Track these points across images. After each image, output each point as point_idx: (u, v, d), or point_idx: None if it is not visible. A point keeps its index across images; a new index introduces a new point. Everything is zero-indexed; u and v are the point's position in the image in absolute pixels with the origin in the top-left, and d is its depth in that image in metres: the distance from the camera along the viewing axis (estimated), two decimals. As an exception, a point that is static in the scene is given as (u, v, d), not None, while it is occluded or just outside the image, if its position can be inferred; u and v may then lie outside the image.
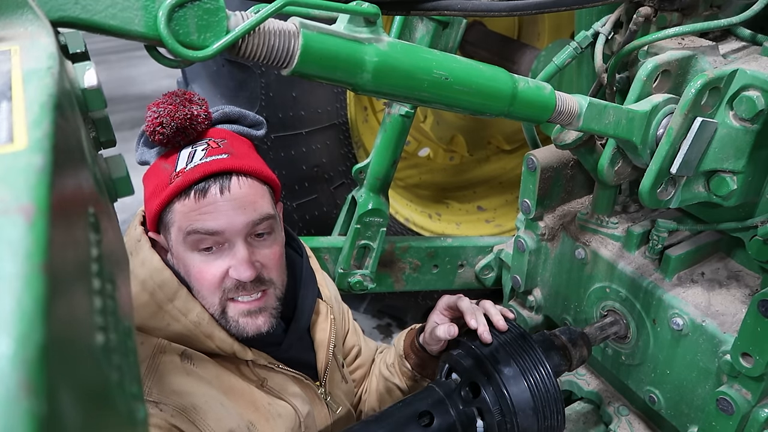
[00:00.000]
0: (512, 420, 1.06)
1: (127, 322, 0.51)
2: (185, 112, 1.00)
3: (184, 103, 1.01)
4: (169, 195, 1.01)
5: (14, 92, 0.39)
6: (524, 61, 2.29)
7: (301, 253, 1.30)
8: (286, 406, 1.15)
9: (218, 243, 1.03)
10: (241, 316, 1.06)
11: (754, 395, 1.09)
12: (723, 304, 1.25)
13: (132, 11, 0.58)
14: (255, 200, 1.04)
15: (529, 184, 1.49)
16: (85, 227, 0.41)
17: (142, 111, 3.17)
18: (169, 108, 1.00)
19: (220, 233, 1.01)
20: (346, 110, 2.15)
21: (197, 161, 1.01)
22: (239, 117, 1.13)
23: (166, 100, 1.01)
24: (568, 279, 1.51)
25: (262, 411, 1.10)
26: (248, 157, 1.06)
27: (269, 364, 1.14)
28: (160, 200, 1.02)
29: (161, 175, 1.03)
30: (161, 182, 1.03)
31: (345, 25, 0.70)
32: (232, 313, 1.06)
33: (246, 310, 1.06)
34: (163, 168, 1.04)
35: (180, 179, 1.00)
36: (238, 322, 1.06)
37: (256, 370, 1.13)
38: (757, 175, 1.12)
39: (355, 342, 1.47)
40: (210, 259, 1.03)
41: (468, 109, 0.83)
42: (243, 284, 1.04)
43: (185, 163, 1.02)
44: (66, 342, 0.31)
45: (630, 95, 1.07)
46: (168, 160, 1.04)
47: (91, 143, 0.55)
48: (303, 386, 1.21)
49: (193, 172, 1.00)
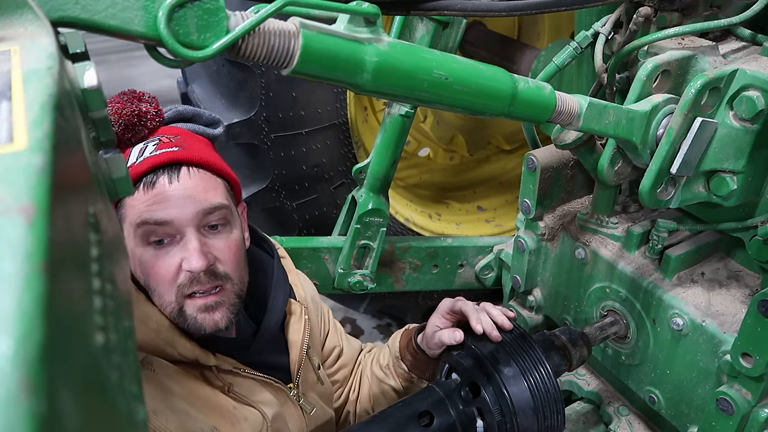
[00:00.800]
0: (512, 420, 1.06)
1: (127, 322, 0.51)
2: (132, 109, 0.99)
3: (131, 101, 1.00)
4: None
5: (14, 92, 0.39)
6: (524, 61, 2.29)
7: (272, 254, 1.29)
8: (253, 411, 1.13)
9: (169, 235, 1.00)
10: (198, 312, 1.03)
11: (754, 395, 1.09)
12: (723, 304, 1.25)
13: (132, 11, 0.58)
14: (206, 190, 1.02)
15: (529, 184, 1.49)
16: (85, 227, 0.41)
17: (142, 111, 3.06)
18: (116, 106, 0.99)
19: (170, 223, 0.99)
20: (346, 110, 2.15)
21: (148, 155, 1.00)
22: (194, 115, 1.11)
23: (114, 99, 1.00)
24: (568, 279, 1.51)
25: (226, 416, 1.08)
26: (201, 151, 1.04)
27: (234, 369, 1.12)
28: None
29: None
30: None
31: (345, 25, 0.70)
32: (190, 310, 1.03)
33: (203, 305, 1.03)
34: None
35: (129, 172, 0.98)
36: (195, 318, 1.03)
37: (220, 375, 1.11)
38: (757, 175, 1.12)
39: (336, 342, 1.45)
40: (162, 253, 1.01)
41: (468, 109, 0.83)
42: (197, 277, 1.01)
43: (135, 158, 1.01)
44: (66, 342, 0.31)
45: (630, 95, 1.07)
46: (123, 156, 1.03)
47: (91, 143, 0.55)
48: (273, 389, 1.19)
49: (141, 164, 0.99)
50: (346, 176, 2.23)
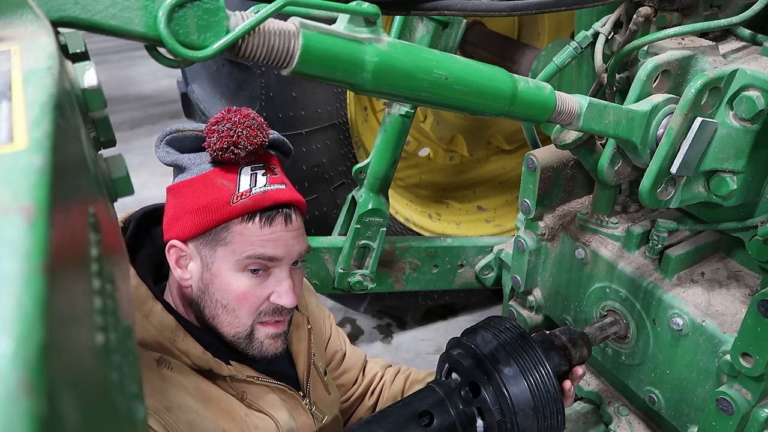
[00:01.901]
0: (512, 420, 1.06)
1: (127, 322, 0.51)
2: (261, 139, 1.02)
3: (260, 128, 1.03)
4: (233, 214, 1.01)
5: (14, 92, 0.39)
6: (524, 61, 2.29)
7: None
8: (265, 419, 1.14)
9: (267, 268, 1.06)
10: (266, 338, 1.10)
11: (754, 395, 1.09)
12: (723, 304, 1.25)
13: (132, 11, 0.58)
14: (304, 232, 1.11)
15: (529, 184, 1.49)
16: (85, 227, 0.41)
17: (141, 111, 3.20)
18: (247, 130, 1.00)
19: (279, 260, 1.05)
20: (346, 110, 2.15)
21: (262, 187, 1.03)
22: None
23: (243, 121, 1.01)
24: (568, 279, 1.51)
25: (237, 421, 1.10)
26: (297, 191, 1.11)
27: (249, 377, 1.14)
28: (217, 217, 1.01)
29: (219, 192, 1.02)
30: (219, 199, 1.01)
31: (345, 25, 0.70)
32: (260, 335, 1.09)
33: (273, 333, 1.10)
34: (220, 184, 1.02)
35: (247, 201, 1.01)
36: (263, 343, 1.10)
37: (234, 384, 1.13)
38: (757, 175, 1.12)
39: (338, 347, 1.47)
40: (256, 282, 1.05)
41: (468, 109, 0.83)
42: (280, 310, 1.09)
43: (248, 185, 1.02)
44: (66, 342, 0.31)
45: (630, 95, 1.07)
46: (226, 177, 1.03)
47: (91, 143, 0.55)
48: (286, 396, 1.21)
49: (262, 198, 1.02)
50: (346, 176, 2.23)
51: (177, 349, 1.06)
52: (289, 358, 1.28)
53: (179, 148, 1.08)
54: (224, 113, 1.02)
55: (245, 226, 1.02)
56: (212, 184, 1.03)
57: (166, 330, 1.05)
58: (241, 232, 1.02)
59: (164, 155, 1.08)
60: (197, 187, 1.04)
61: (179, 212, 1.05)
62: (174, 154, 1.08)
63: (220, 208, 1.01)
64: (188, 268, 1.07)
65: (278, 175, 1.07)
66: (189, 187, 1.05)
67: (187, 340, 1.06)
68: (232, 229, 1.02)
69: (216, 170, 1.04)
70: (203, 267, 1.05)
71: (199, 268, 1.06)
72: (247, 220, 1.02)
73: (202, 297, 1.07)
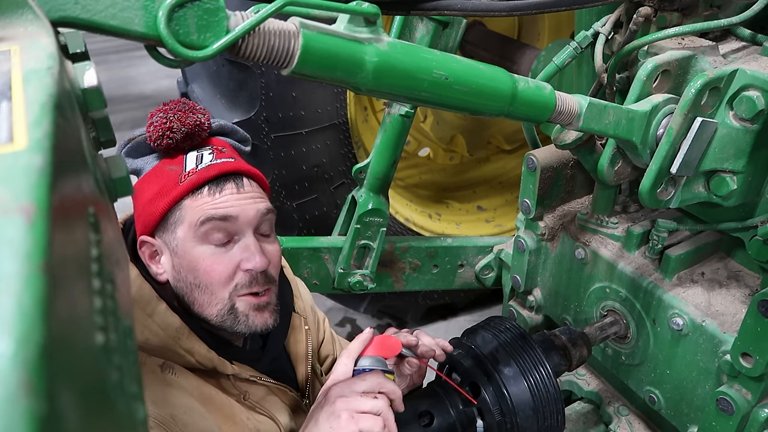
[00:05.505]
0: (512, 420, 1.06)
1: (127, 322, 0.51)
2: (194, 119, 1.05)
3: (192, 110, 1.06)
4: (182, 192, 1.03)
5: (14, 92, 0.39)
6: (524, 61, 2.29)
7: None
8: (267, 421, 1.14)
9: (230, 234, 1.05)
10: (251, 311, 1.08)
11: (754, 395, 1.09)
12: (723, 304, 1.25)
13: (132, 11, 0.58)
14: (263, 198, 1.10)
15: (529, 184, 1.49)
16: (85, 227, 0.41)
17: (142, 111, 3.20)
18: (178, 114, 1.04)
19: (234, 218, 1.04)
20: (346, 110, 2.15)
21: (208, 162, 1.05)
22: (231, 131, 1.18)
23: (174, 107, 1.05)
24: (568, 279, 1.51)
25: (240, 425, 1.10)
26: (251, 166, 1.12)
27: (251, 377, 1.14)
28: (169, 199, 1.03)
29: (167, 177, 1.05)
30: (168, 183, 1.04)
31: (345, 25, 0.70)
32: (242, 307, 1.07)
33: (255, 304, 1.08)
34: (168, 170, 1.05)
35: (194, 177, 1.03)
36: (248, 316, 1.08)
37: (237, 383, 1.13)
38: (757, 175, 1.12)
39: (330, 351, 1.47)
40: (220, 252, 1.05)
41: (468, 109, 0.83)
42: (255, 277, 1.07)
43: (195, 164, 1.05)
44: (66, 342, 0.31)
45: (630, 95, 1.07)
46: (173, 162, 1.06)
47: (91, 143, 0.55)
48: (287, 398, 1.21)
49: (208, 170, 1.04)
50: (346, 176, 2.23)
51: (181, 348, 1.06)
52: (288, 360, 1.28)
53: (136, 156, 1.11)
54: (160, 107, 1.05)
55: (195, 198, 1.04)
56: (161, 172, 1.06)
57: (170, 329, 1.05)
58: (191, 205, 1.04)
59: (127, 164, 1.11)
60: (149, 180, 1.07)
61: (138, 210, 1.09)
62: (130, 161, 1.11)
63: (170, 190, 1.04)
64: (161, 262, 1.09)
65: (226, 152, 1.09)
66: (143, 183, 1.08)
67: (191, 339, 1.07)
68: (183, 205, 1.04)
69: (164, 161, 1.08)
70: (171, 254, 1.07)
71: (168, 257, 1.08)
72: (197, 193, 1.04)
73: (179, 286, 1.08)
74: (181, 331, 1.06)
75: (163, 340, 1.05)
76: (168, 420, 0.98)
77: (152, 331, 1.04)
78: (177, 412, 1.01)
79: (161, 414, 0.98)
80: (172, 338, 1.05)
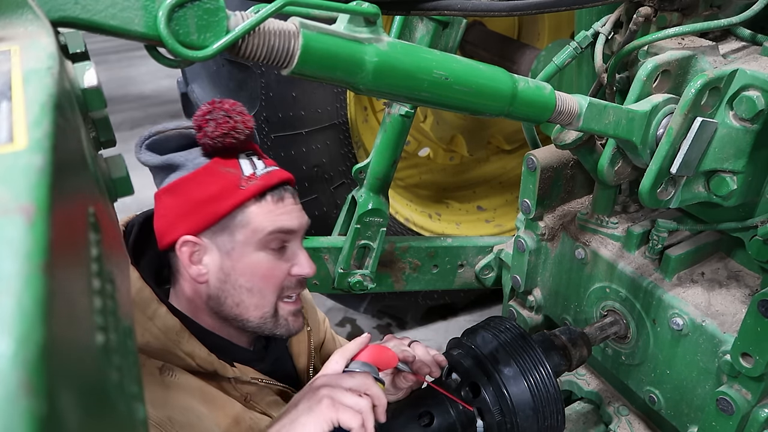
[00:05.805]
0: (512, 420, 1.06)
1: (127, 322, 0.51)
2: (253, 125, 1.07)
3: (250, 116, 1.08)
4: (247, 197, 1.03)
5: (14, 92, 0.39)
6: (524, 61, 2.29)
7: None
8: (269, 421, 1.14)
9: (285, 243, 1.10)
10: (290, 316, 1.14)
11: (754, 395, 1.09)
12: (723, 304, 1.25)
13: (132, 11, 0.58)
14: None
15: (529, 184, 1.49)
16: (85, 227, 0.41)
17: (141, 111, 3.19)
18: (241, 116, 1.04)
19: (295, 232, 1.11)
20: (346, 110, 2.15)
21: (263, 169, 1.07)
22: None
23: (234, 108, 1.05)
24: (568, 279, 1.51)
25: (242, 425, 1.10)
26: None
27: (253, 379, 1.14)
28: (232, 202, 1.03)
29: (226, 178, 1.04)
30: (229, 185, 1.03)
31: (345, 25, 0.70)
32: (283, 312, 1.13)
33: (294, 310, 1.15)
34: (224, 171, 1.04)
35: (258, 183, 1.04)
36: (287, 320, 1.14)
37: (238, 386, 1.13)
38: (757, 175, 1.12)
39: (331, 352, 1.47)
40: (276, 258, 1.09)
41: (468, 109, 0.83)
42: (300, 282, 1.14)
43: (251, 169, 1.06)
44: (66, 342, 0.31)
45: (630, 95, 1.07)
46: (228, 164, 1.05)
47: (91, 143, 0.55)
48: (289, 398, 1.20)
49: (270, 177, 1.06)
50: (346, 176, 2.23)
51: (182, 351, 1.05)
52: (290, 359, 1.28)
53: (159, 150, 1.08)
54: (211, 104, 1.04)
55: (260, 206, 1.05)
56: (217, 173, 1.04)
57: (170, 332, 1.05)
58: (257, 212, 1.05)
59: (150, 158, 1.07)
60: (201, 180, 1.04)
61: (185, 208, 1.05)
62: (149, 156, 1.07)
63: (231, 194, 1.03)
64: (203, 262, 1.07)
65: (269, 158, 1.12)
66: (191, 182, 1.04)
67: (192, 342, 1.06)
68: (247, 210, 1.04)
69: (216, 160, 1.05)
70: (222, 255, 1.06)
71: (216, 258, 1.06)
72: (261, 200, 1.05)
73: (223, 287, 1.07)
74: (182, 335, 1.06)
75: (164, 343, 1.04)
76: (165, 422, 0.98)
77: (153, 334, 1.04)
78: (174, 413, 1.01)
79: (158, 416, 0.98)
80: (172, 341, 1.05)
